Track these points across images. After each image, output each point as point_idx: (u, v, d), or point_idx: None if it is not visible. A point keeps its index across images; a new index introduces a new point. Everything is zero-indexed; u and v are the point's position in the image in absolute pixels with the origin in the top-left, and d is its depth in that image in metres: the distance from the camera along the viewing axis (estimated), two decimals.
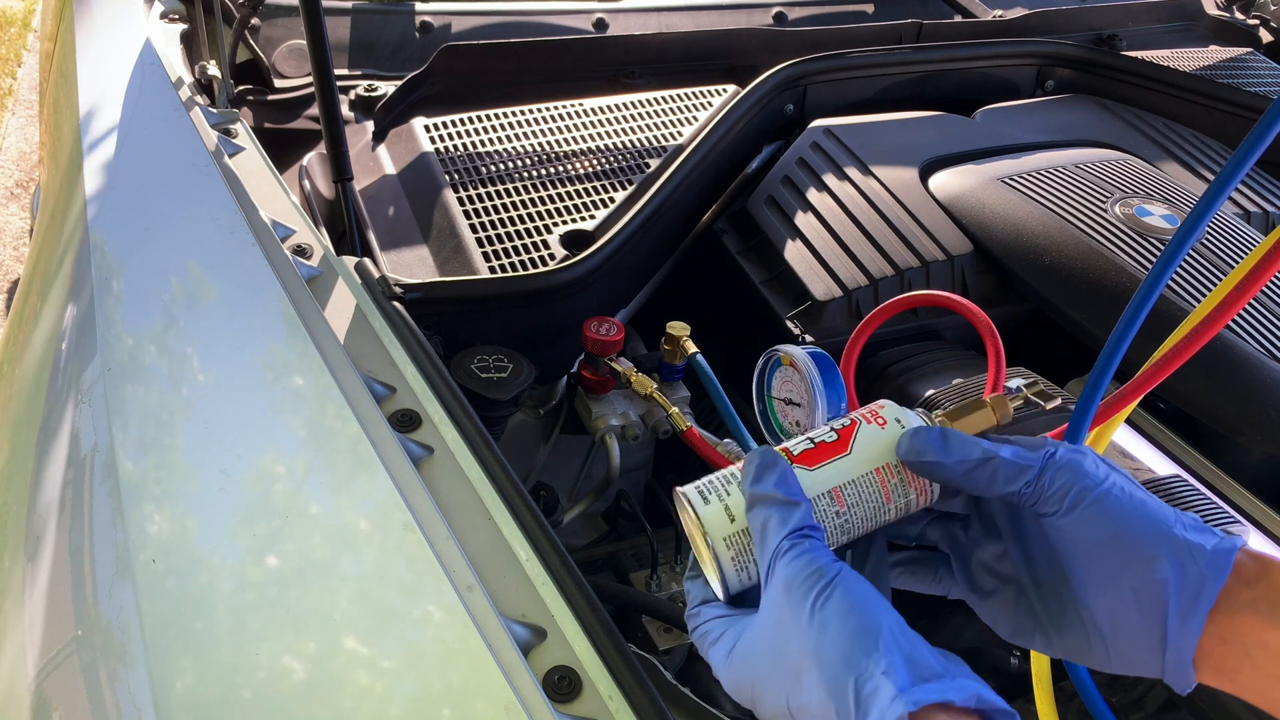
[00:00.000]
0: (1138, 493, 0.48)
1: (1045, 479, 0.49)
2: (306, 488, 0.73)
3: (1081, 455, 0.50)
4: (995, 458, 0.49)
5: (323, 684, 0.60)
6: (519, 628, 0.65)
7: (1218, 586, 0.45)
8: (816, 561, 0.47)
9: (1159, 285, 0.54)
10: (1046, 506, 0.49)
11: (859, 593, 0.46)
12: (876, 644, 0.43)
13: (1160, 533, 0.46)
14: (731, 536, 0.52)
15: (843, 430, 0.55)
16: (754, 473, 0.52)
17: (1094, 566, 0.47)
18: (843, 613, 0.45)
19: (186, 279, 0.92)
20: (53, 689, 0.64)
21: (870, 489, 0.53)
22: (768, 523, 0.50)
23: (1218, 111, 1.47)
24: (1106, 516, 0.47)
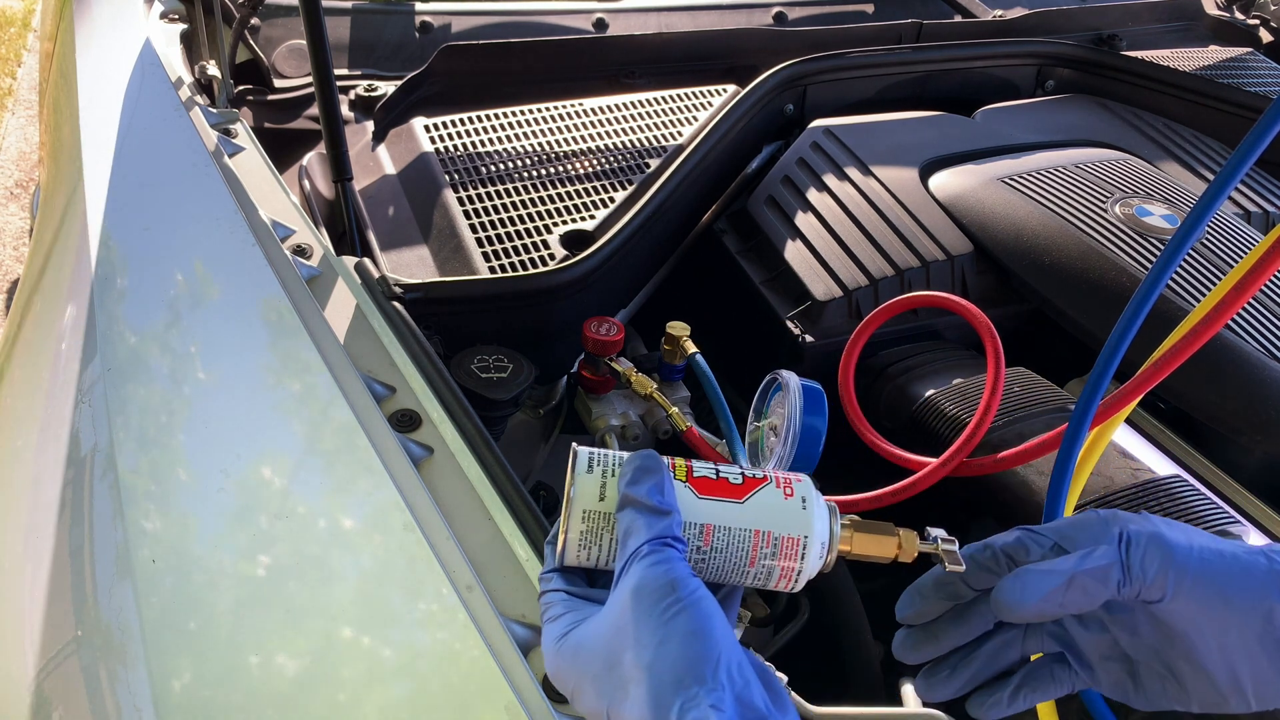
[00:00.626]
0: (1223, 546, 0.48)
1: (1135, 570, 0.47)
2: (306, 488, 0.73)
3: (1156, 527, 0.48)
4: (1075, 575, 0.47)
5: (322, 684, 0.60)
6: (519, 628, 0.65)
7: None
8: (673, 574, 0.47)
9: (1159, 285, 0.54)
10: (1151, 595, 0.47)
11: (708, 618, 0.45)
12: (713, 674, 0.43)
13: (1262, 579, 0.46)
14: (591, 513, 0.52)
15: (750, 480, 0.54)
16: (631, 474, 0.51)
17: (1215, 633, 0.47)
18: (686, 633, 0.44)
19: (186, 279, 0.92)
20: (53, 689, 0.64)
21: (741, 545, 0.52)
22: (634, 524, 0.49)
23: (1218, 111, 1.47)
24: (1212, 586, 0.46)
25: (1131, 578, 0.47)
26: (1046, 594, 0.48)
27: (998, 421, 0.91)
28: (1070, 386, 1.06)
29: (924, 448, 0.87)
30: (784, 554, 0.52)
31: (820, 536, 0.53)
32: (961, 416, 0.94)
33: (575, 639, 0.48)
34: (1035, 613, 0.48)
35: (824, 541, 0.53)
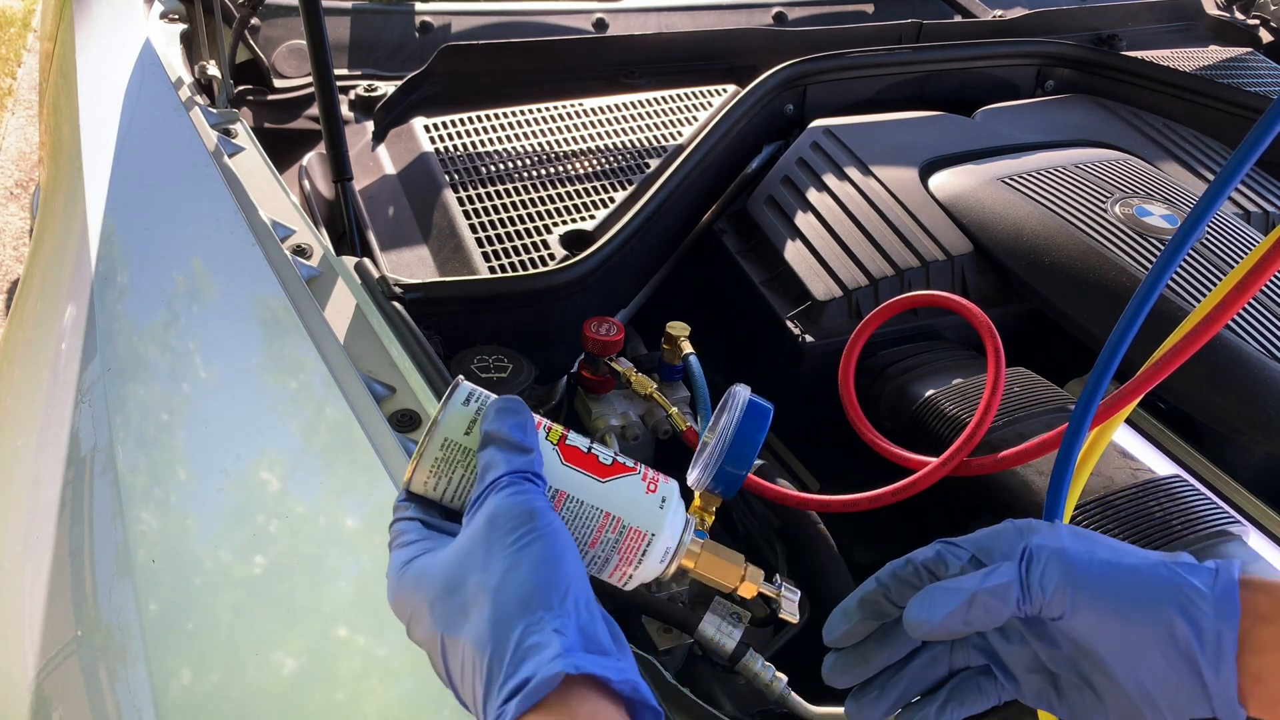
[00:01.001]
0: (1126, 559, 0.47)
1: (1034, 589, 0.47)
2: (306, 488, 0.73)
3: (1058, 541, 0.48)
4: (976, 594, 0.47)
5: (321, 683, 0.60)
6: None
7: (1234, 630, 0.45)
8: (532, 504, 0.46)
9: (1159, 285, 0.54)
10: (1051, 612, 0.47)
11: (560, 550, 0.45)
12: (561, 602, 0.43)
13: (1161, 594, 0.46)
14: (452, 443, 0.51)
15: (619, 464, 0.53)
16: (494, 413, 0.50)
17: (1116, 647, 0.46)
18: (537, 561, 0.44)
19: (186, 279, 0.92)
20: (53, 688, 0.64)
21: (588, 522, 0.52)
22: (494, 459, 0.49)
23: (1218, 111, 1.47)
24: (1108, 601, 0.46)
25: (1031, 596, 0.47)
26: (950, 613, 0.47)
27: (998, 421, 0.91)
28: (1070, 386, 1.06)
29: (924, 448, 0.87)
30: (627, 544, 0.52)
31: (667, 540, 0.52)
32: (961, 416, 0.94)
33: (419, 565, 0.48)
34: (942, 631, 0.48)
35: (669, 547, 0.53)
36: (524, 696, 0.40)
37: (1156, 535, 0.80)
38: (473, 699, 0.43)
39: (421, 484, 0.52)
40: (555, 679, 0.40)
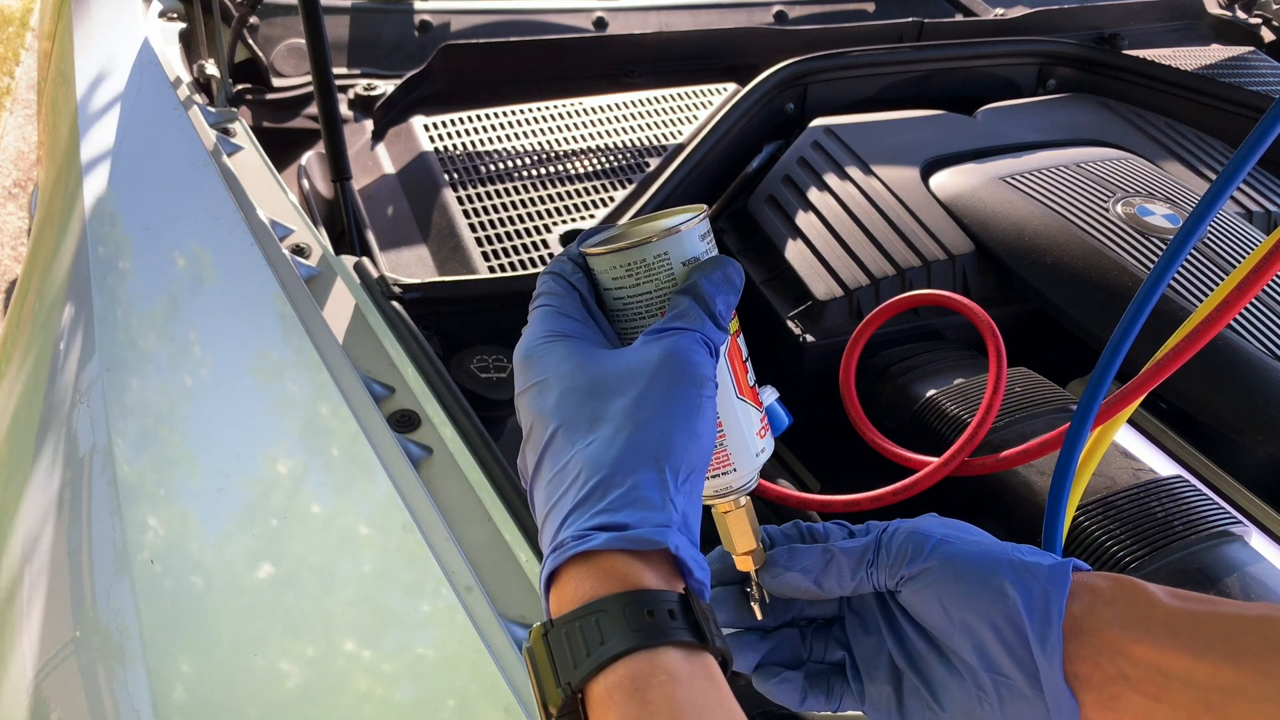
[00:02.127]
0: (971, 537, 0.49)
1: (883, 552, 0.49)
2: (305, 488, 0.72)
3: (917, 520, 0.50)
4: (834, 552, 0.49)
5: (321, 685, 0.60)
6: (519, 629, 0.64)
7: (1063, 597, 0.45)
8: (709, 374, 0.45)
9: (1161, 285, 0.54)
10: (893, 577, 0.49)
11: (709, 429, 0.44)
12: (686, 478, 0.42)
13: (998, 562, 0.47)
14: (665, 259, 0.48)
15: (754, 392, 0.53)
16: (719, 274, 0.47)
17: (951, 615, 0.47)
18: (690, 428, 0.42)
19: (185, 278, 0.91)
20: (51, 690, 0.63)
21: None
22: (694, 311, 0.46)
23: (1219, 111, 1.47)
24: (947, 564, 0.47)
25: (879, 558, 0.49)
26: (805, 566, 0.50)
27: (999, 421, 0.91)
28: (1072, 386, 1.06)
29: (925, 448, 0.87)
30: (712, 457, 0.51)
31: (737, 481, 0.52)
32: (963, 416, 0.94)
33: (574, 347, 0.46)
34: (792, 586, 0.50)
35: (734, 486, 0.52)
36: (618, 538, 0.39)
37: (1158, 535, 0.80)
38: (549, 502, 0.42)
39: (608, 266, 0.49)
40: (655, 544, 0.39)
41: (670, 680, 0.37)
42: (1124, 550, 0.78)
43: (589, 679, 0.38)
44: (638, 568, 0.40)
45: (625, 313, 0.49)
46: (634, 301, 0.49)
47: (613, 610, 0.38)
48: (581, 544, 0.40)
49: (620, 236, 0.50)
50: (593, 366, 0.45)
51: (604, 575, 0.39)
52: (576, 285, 0.50)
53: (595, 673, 0.37)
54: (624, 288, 0.49)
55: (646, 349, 0.45)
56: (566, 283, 0.50)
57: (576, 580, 0.40)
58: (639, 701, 0.36)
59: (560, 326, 0.47)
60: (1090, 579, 0.46)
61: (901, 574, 0.48)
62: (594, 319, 0.49)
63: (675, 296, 0.47)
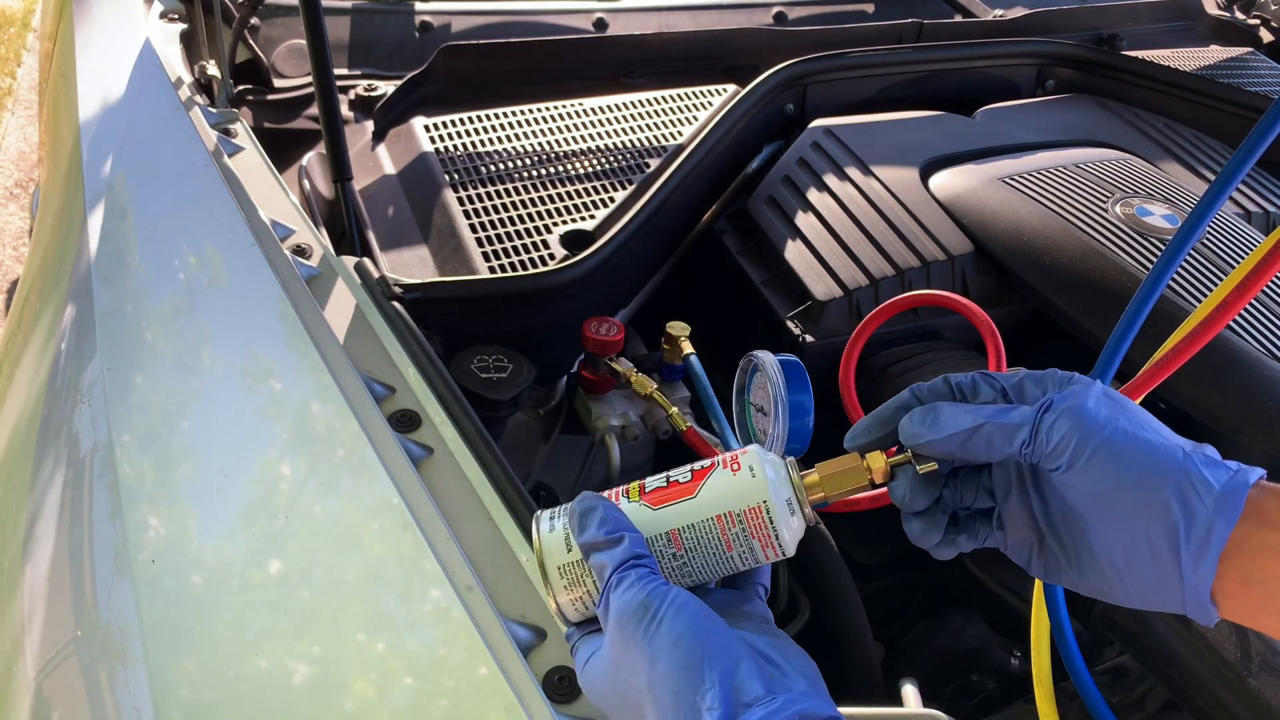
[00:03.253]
0: (1144, 433, 0.47)
1: (1042, 436, 0.47)
2: (306, 488, 0.73)
3: (1083, 398, 0.48)
4: (985, 424, 0.48)
5: (322, 684, 0.60)
6: (519, 628, 0.65)
7: (1228, 528, 0.44)
8: (642, 593, 0.47)
9: (1160, 285, 0.54)
10: (1049, 463, 0.47)
11: (685, 621, 0.46)
12: (702, 677, 0.44)
13: (1165, 475, 0.45)
14: (565, 566, 0.52)
15: (697, 472, 0.54)
16: (578, 524, 0.52)
17: (1104, 515, 0.46)
18: (669, 646, 0.45)
19: (186, 278, 0.92)
20: (52, 689, 0.63)
21: (709, 535, 0.52)
22: (598, 562, 0.50)
23: (1218, 111, 1.47)
24: (1110, 466, 0.46)
25: (1036, 442, 0.47)
26: (948, 434, 0.49)
27: None
28: None
29: None
30: (753, 526, 0.52)
31: (780, 496, 0.52)
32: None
33: (590, 672, 0.51)
34: (934, 448, 0.50)
35: (788, 499, 0.53)
36: None
37: None
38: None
39: (572, 611, 0.53)
40: None
41: None
42: None
43: None
44: None
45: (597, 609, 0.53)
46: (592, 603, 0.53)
47: None
48: None
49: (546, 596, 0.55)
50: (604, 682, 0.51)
51: None
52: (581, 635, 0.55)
53: None
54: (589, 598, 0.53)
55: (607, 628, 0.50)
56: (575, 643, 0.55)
57: None
58: None
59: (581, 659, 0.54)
60: (1258, 497, 0.45)
61: (1060, 463, 0.47)
62: None
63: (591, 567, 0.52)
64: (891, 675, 0.87)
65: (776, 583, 0.93)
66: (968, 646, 1.01)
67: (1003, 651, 1.01)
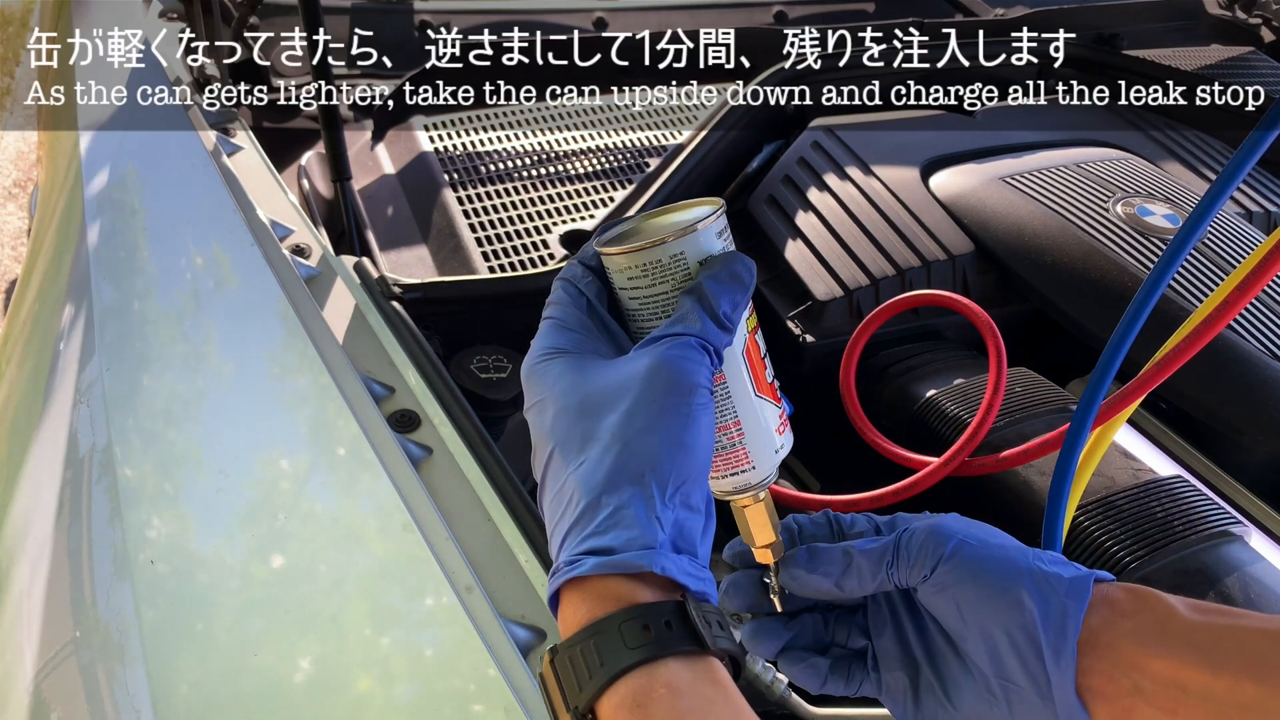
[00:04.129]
0: (994, 539, 0.48)
1: (903, 551, 0.48)
2: (305, 488, 0.72)
3: (939, 518, 0.50)
4: (853, 555, 0.49)
5: (321, 685, 0.60)
6: (519, 629, 0.64)
7: (1080, 609, 0.44)
8: (698, 379, 0.44)
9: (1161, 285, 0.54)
10: (912, 579, 0.48)
11: (696, 437, 0.43)
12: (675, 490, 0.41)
13: (1018, 569, 0.46)
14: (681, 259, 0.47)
15: (773, 389, 0.53)
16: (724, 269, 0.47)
17: (969, 619, 0.47)
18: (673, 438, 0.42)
19: (184, 279, 0.91)
20: (51, 690, 0.63)
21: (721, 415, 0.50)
22: (691, 313, 0.45)
23: (1219, 111, 1.47)
24: (964, 567, 0.47)
25: (898, 559, 0.48)
26: (825, 569, 0.49)
27: (999, 422, 0.91)
28: (1072, 387, 1.06)
29: (925, 448, 0.87)
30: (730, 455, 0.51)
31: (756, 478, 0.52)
32: (963, 416, 0.94)
33: (569, 364, 0.45)
34: (813, 588, 0.50)
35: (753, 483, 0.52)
36: (605, 563, 0.39)
37: (1158, 535, 0.80)
38: (551, 524, 0.43)
39: (623, 266, 0.48)
40: (639, 568, 0.39)
41: (670, 693, 0.37)
42: (1124, 550, 0.78)
43: (594, 701, 0.38)
44: (630, 586, 0.40)
45: (640, 313, 0.49)
46: (650, 302, 0.48)
47: (609, 630, 0.39)
48: (572, 570, 0.40)
49: (635, 233, 0.49)
50: (586, 383, 0.44)
51: (599, 597, 0.40)
52: (585, 290, 0.49)
53: (599, 694, 0.38)
54: (639, 288, 0.48)
55: (636, 360, 0.44)
56: (575, 289, 0.49)
57: (574, 604, 0.40)
58: (642, 717, 0.37)
59: (559, 341, 0.47)
60: (1109, 591, 0.46)
61: (920, 575, 0.48)
62: (603, 325, 0.49)
63: (681, 297, 0.47)
64: None
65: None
66: None
67: None
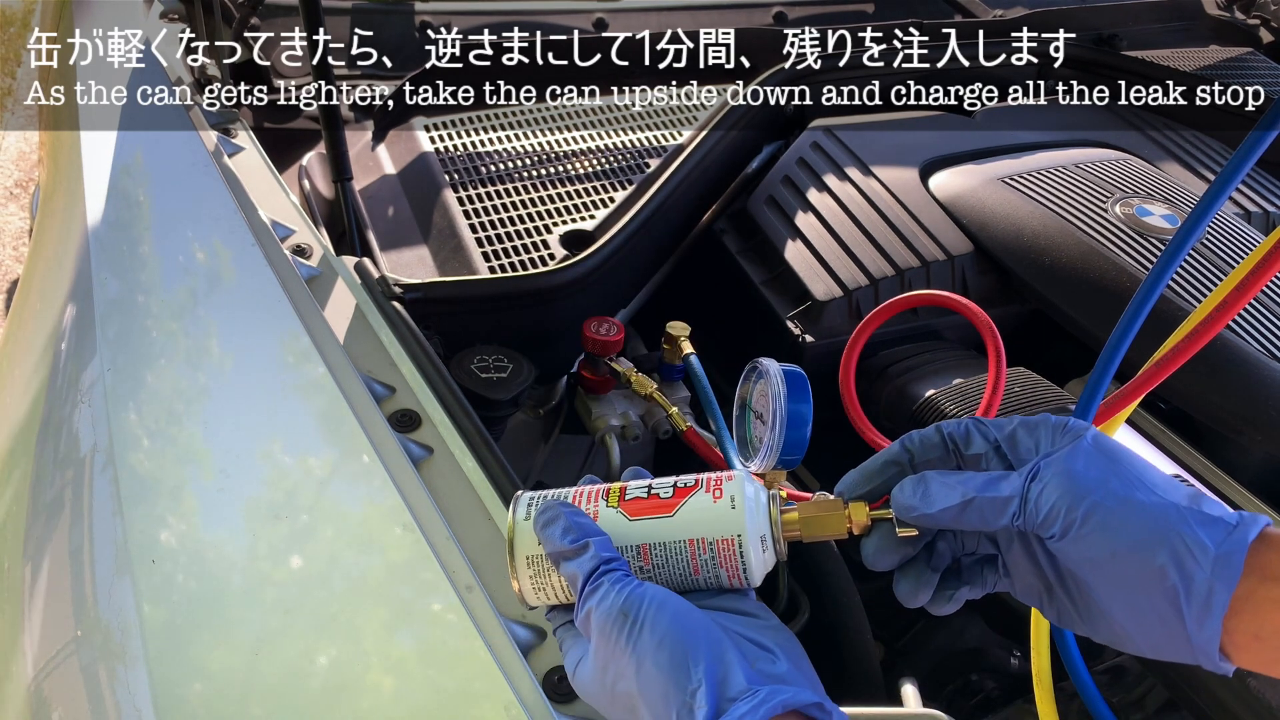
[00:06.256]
0: (1136, 493, 0.46)
1: (1031, 507, 0.47)
2: (305, 488, 0.73)
3: (1070, 461, 0.47)
4: (975, 498, 0.48)
5: (321, 684, 0.60)
6: (519, 628, 0.65)
7: (1228, 591, 0.43)
8: (619, 599, 0.48)
9: (1159, 285, 0.54)
10: (1042, 533, 0.47)
11: (666, 621, 0.47)
12: (689, 676, 0.45)
13: (1159, 539, 0.44)
14: (533, 557, 0.53)
15: (679, 490, 0.54)
16: (542, 533, 0.52)
17: (1104, 582, 0.46)
18: (653, 649, 0.46)
19: (186, 279, 0.92)
20: (52, 689, 0.64)
21: (679, 557, 0.52)
22: (568, 570, 0.51)
23: (1219, 111, 1.47)
24: (1102, 534, 0.45)
25: (1026, 513, 0.47)
26: (939, 510, 0.49)
27: None
28: (1071, 387, 1.06)
29: None
30: (723, 556, 0.52)
31: (755, 532, 0.52)
32: (962, 416, 0.94)
33: (582, 676, 0.51)
34: (926, 521, 0.49)
35: (763, 535, 0.53)
36: None
37: None
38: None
39: (533, 598, 0.54)
40: None
41: None
42: None
43: None
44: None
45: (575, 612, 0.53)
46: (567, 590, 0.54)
47: None
48: None
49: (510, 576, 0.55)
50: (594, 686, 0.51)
51: None
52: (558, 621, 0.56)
53: None
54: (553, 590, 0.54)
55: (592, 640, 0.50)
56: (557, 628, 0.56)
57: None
58: None
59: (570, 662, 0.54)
60: (1260, 552, 0.44)
61: (1052, 532, 0.46)
62: None
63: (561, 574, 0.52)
64: (891, 675, 0.87)
65: (776, 583, 0.93)
66: (968, 646, 1.01)
67: (1003, 651, 1.01)
